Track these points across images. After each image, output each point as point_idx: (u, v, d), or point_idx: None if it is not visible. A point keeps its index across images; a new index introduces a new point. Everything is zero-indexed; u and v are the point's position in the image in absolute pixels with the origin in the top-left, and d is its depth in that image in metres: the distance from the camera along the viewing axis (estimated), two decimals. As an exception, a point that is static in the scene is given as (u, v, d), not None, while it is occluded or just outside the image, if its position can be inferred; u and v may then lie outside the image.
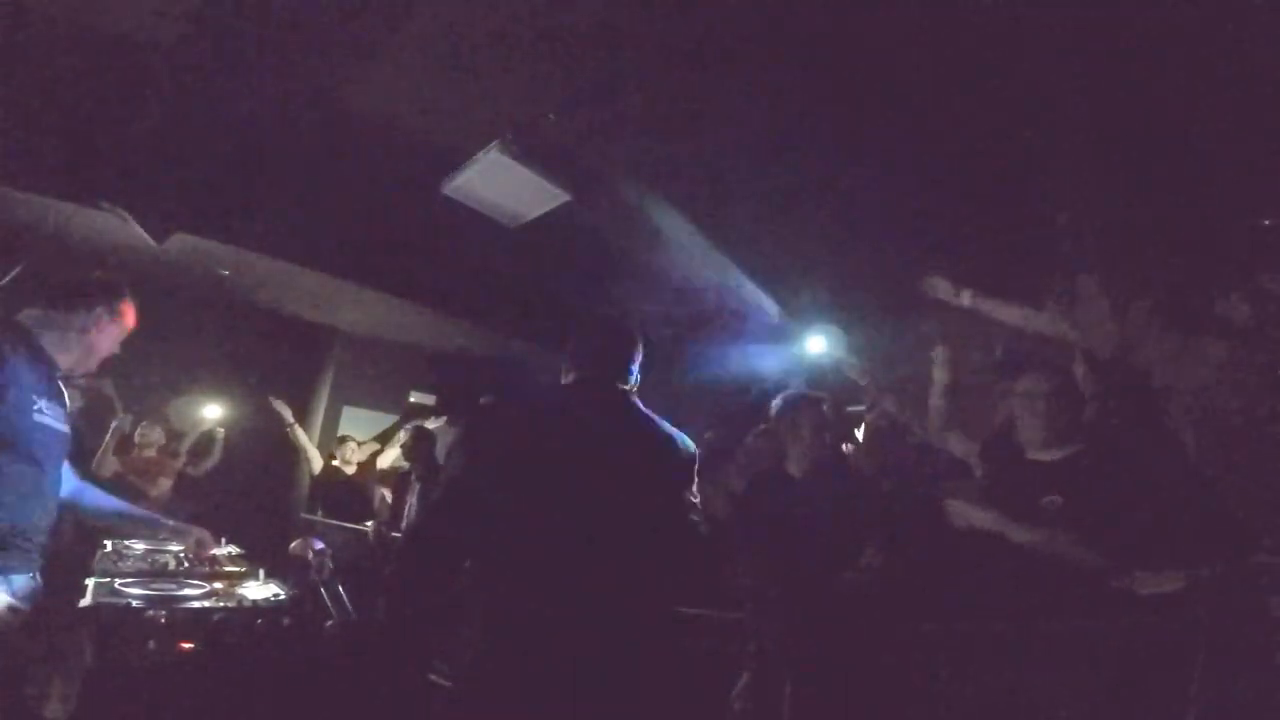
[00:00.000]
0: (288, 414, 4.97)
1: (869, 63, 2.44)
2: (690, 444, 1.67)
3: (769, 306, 4.22)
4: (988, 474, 2.33)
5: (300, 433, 5.04)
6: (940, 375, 2.56)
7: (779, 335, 4.25)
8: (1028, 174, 2.82)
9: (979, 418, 2.69)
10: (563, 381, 1.71)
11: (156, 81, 2.74)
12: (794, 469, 2.62)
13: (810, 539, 2.39)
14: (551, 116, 2.91)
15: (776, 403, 2.75)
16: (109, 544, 2.66)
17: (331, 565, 2.21)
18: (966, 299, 2.52)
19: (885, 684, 2.18)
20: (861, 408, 3.38)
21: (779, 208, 3.45)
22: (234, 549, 2.72)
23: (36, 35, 2.50)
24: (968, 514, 1.97)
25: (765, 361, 4.37)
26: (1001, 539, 1.87)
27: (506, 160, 3.10)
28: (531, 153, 3.12)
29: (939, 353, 2.59)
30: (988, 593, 1.89)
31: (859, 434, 3.37)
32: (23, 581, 1.62)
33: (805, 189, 3.26)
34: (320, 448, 5.19)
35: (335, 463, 4.95)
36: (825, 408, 2.68)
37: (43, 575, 1.70)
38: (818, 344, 3.70)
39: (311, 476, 5.04)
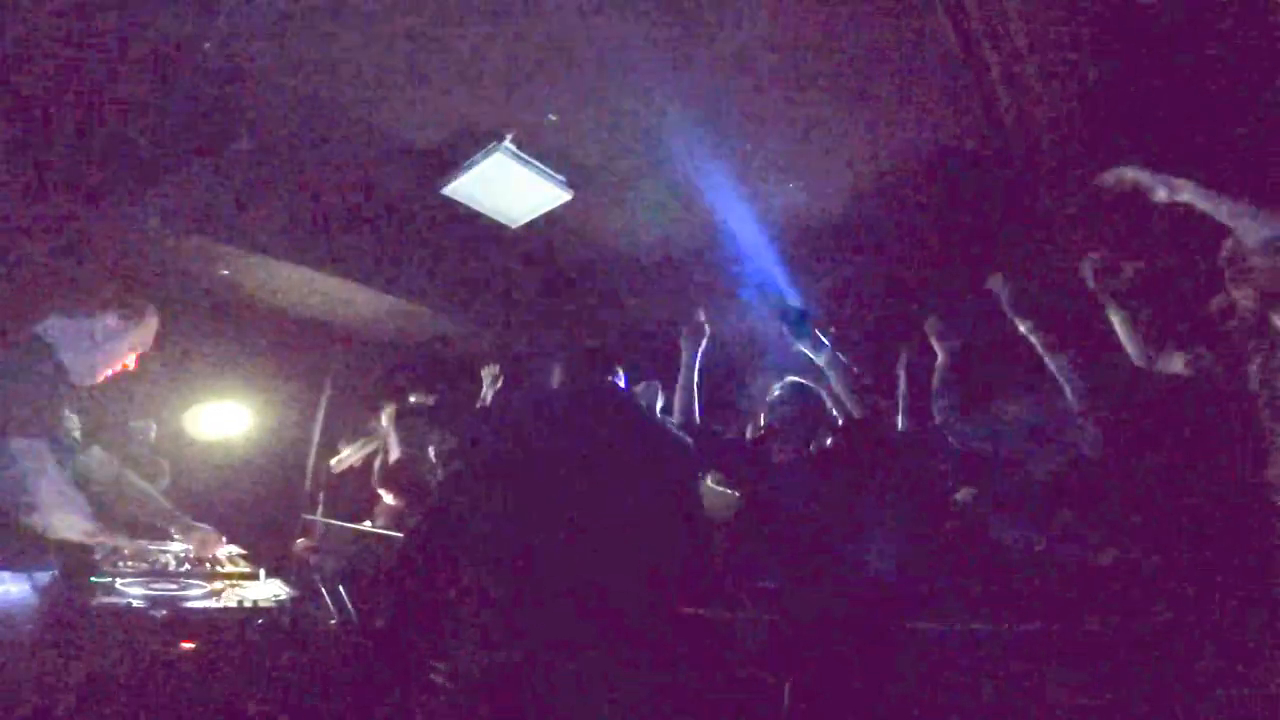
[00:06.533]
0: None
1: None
2: (689, 441, 1.67)
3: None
4: None
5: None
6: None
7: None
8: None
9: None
10: (555, 381, 1.72)
11: (158, 82, 2.74)
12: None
13: (811, 534, 2.38)
14: (552, 117, 2.91)
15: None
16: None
17: (332, 565, 2.22)
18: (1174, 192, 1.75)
19: (884, 684, 2.18)
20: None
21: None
22: (235, 549, 2.72)
23: (37, 34, 2.50)
24: None
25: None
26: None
27: (506, 161, 3.10)
28: (531, 153, 3.12)
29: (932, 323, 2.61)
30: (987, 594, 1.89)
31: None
32: (44, 578, 1.64)
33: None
34: (321, 448, 5.18)
35: (334, 461, 4.94)
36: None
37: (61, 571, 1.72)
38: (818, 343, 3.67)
39: (318, 474, 5.03)
